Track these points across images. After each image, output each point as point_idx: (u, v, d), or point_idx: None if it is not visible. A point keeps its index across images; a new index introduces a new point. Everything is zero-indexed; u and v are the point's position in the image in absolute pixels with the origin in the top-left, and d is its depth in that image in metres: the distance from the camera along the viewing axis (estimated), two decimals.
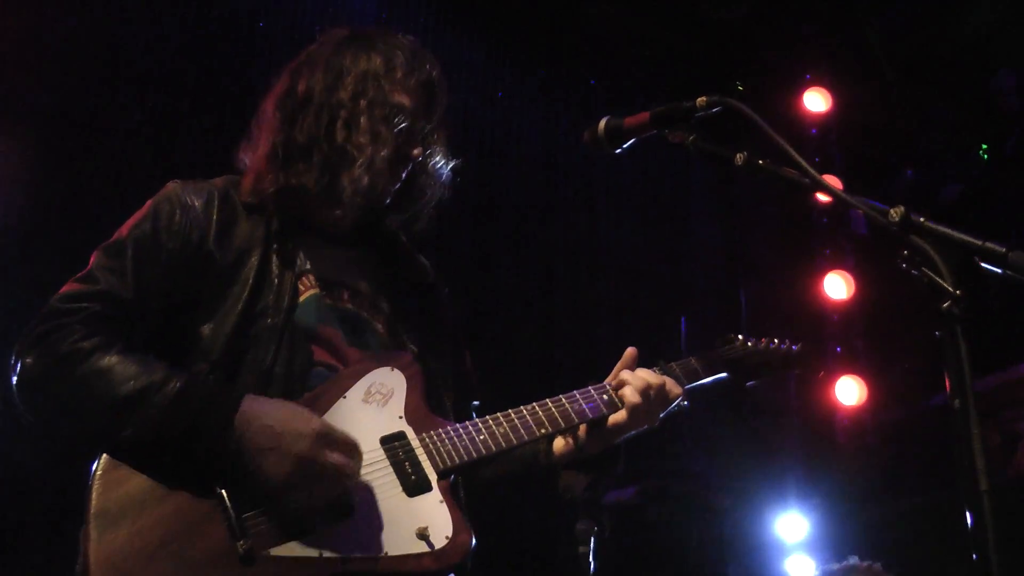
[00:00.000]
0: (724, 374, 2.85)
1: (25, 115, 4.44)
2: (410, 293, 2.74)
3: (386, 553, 2.20)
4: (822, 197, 2.16)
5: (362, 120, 2.56)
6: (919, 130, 6.53)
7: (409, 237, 2.83)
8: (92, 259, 2.42)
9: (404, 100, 2.63)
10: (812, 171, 2.02)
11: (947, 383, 1.70)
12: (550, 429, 2.50)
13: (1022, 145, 6.20)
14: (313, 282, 2.54)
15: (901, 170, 6.53)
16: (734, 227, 6.99)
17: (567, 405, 2.54)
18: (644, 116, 2.40)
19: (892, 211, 1.82)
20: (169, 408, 2.17)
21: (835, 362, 6.36)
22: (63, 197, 4.47)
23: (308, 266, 2.56)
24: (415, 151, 2.64)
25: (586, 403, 2.56)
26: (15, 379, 2.26)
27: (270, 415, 2.20)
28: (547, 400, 2.54)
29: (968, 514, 1.61)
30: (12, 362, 2.27)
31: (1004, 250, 1.70)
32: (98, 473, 2.17)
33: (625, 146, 2.51)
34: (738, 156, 2.16)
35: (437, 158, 2.75)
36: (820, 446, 6.42)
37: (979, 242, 1.73)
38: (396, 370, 2.48)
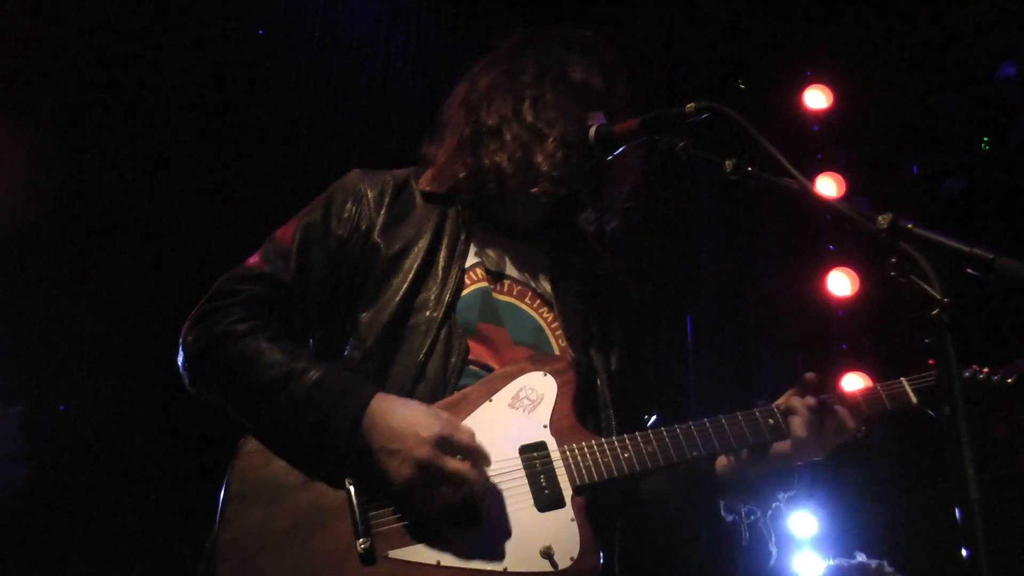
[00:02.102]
0: (916, 409, 2.52)
1: (30, 115, 4.49)
2: (587, 290, 2.65)
3: (506, 568, 2.14)
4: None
5: (548, 96, 2.57)
6: (921, 124, 6.50)
7: (603, 239, 2.78)
8: (265, 243, 2.51)
9: (587, 77, 2.64)
10: (800, 177, 2.01)
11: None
12: (703, 452, 2.36)
13: None
14: (481, 275, 2.52)
15: (904, 165, 6.50)
16: (738, 225, 6.97)
17: (726, 427, 2.38)
18: (634, 123, 2.40)
19: (880, 218, 1.81)
20: (304, 398, 2.20)
21: (841, 359, 6.34)
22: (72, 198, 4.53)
23: (478, 259, 2.54)
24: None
25: (748, 427, 2.38)
26: (180, 351, 2.38)
27: (396, 416, 2.17)
28: (705, 420, 2.39)
29: (960, 522, 1.61)
30: (181, 336, 2.39)
31: (991, 256, 1.69)
32: (242, 452, 2.24)
33: (616, 153, 2.51)
34: (727, 163, 2.16)
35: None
36: None
37: (967, 248, 1.72)
38: (549, 375, 2.40)
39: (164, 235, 4.64)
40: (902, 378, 2.53)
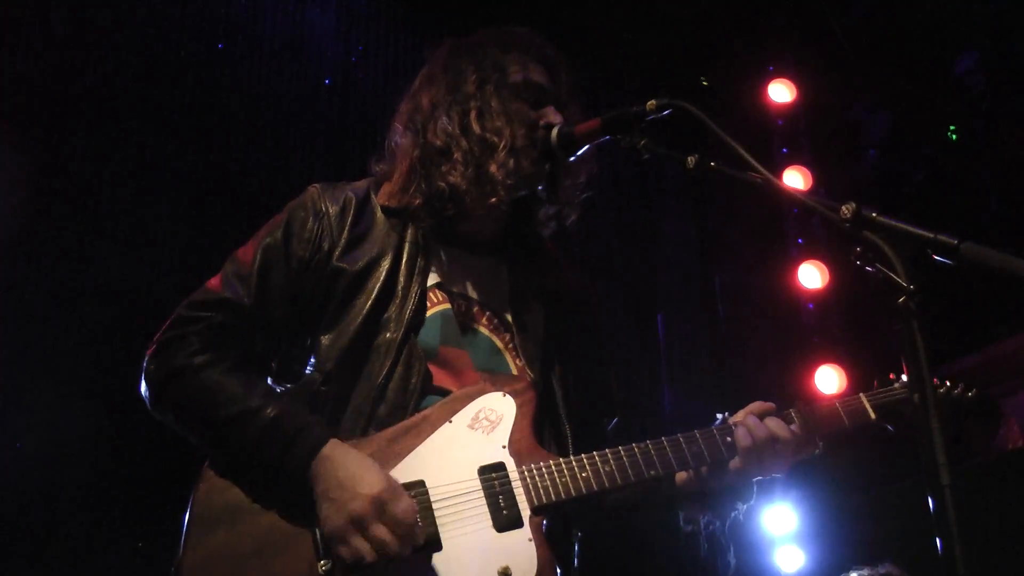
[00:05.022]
0: (874, 424, 2.52)
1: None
2: (546, 304, 2.67)
3: None
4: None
5: (493, 103, 2.56)
6: (885, 115, 6.54)
7: (564, 233, 2.78)
8: (226, 263, 2.50)
9: (529, 75, 2.63)
10: (763, 170, 2.01)
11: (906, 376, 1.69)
12: (660, 472, 2.37)
13: (990, 125, 6.22)
14: (442, 297, 2.53)
15: (868, 157, 6.53)
16: (707, 220, 6.98)
17: (684, 447, 2.40)
18: (595, 123, 2.40)
19: (844, 208, 1.81)
20: (259, 438, 2.24)
21: (813, 352, 6.35)
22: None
23: (439, 279, 2.55)
24: (554, 117, 2.58)
25: (706, 446, 2.40)
26: (141, 380, 2.41)
27: (343, 467, 2.19)
28: (663, 439, 2.40)
29: (932, 507, 1.60)
30: (143, 363, 2.41)
31: (956, 242, 1.69)
32: (204, 476, 2.28)
33: (578, 153, 2.51)
34: (689, 159, 2.16)
35: None
36: None
37: (931, 235, 1.73)
38: (508, 396, 2.42)
39: (120, 251, 4.60)
40: (861, 394, 2.56)
